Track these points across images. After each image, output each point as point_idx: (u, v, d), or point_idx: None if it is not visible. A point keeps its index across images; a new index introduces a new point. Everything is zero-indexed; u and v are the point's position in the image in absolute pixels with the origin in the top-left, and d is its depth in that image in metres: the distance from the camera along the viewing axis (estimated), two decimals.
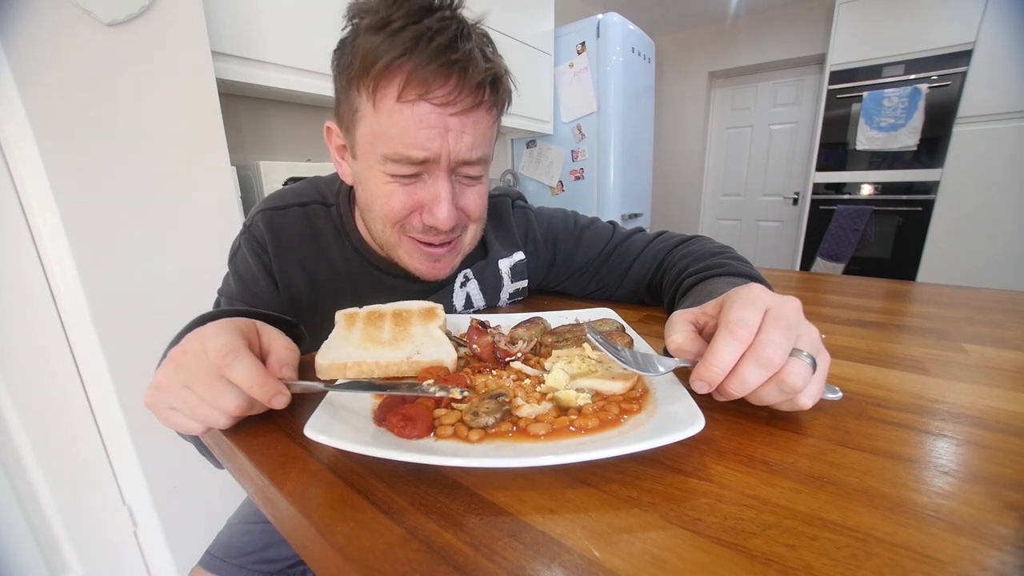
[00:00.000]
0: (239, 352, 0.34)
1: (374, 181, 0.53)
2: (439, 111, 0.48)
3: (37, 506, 0.92)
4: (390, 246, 0.59)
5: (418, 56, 0.45)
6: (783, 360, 0.31)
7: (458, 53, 0.46)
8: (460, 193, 0.55)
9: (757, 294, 0.34)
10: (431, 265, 0.59)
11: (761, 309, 0.33)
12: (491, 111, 0.53)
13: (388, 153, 0.50)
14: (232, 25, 1.10)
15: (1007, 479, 0.28)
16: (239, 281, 0.61)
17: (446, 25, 0.47)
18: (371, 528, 0.25)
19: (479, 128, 0.51)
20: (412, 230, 0.56)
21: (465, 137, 0.50)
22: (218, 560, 0.63)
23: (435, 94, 0.47)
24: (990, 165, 2.40)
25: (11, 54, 0.74)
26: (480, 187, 0.57)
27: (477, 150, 0.52)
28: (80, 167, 0.82)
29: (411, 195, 0.53)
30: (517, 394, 0.36)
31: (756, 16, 3.33)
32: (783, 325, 0.32)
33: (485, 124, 0.52)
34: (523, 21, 2.10)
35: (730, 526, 0.24)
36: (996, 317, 0.62)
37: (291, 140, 1.57)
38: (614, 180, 2.38)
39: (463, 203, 0.56)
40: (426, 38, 0.45)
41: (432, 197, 0.53)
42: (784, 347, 0.31)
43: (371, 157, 0.52)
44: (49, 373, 0.90)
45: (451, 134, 0.49)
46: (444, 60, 0.46)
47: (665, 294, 0.63)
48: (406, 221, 0.55)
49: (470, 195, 0.56)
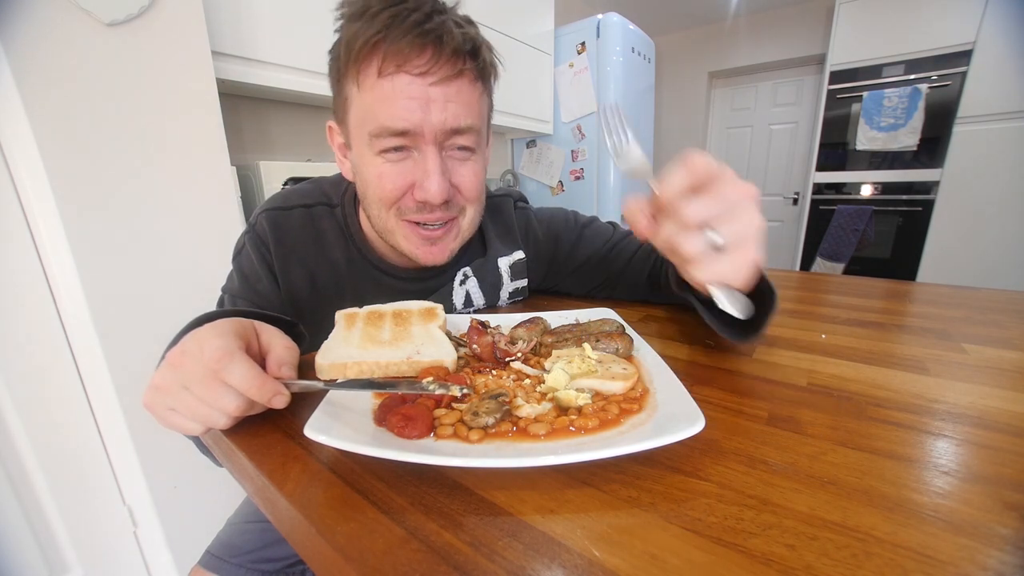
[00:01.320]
0: (234, 355, 0.34)
1: (366, 165, 0.54)
2: (418, 81, 0.49)
3: (37, 506, 0.92)
4: (388, 232, 0.59)
5: (394, 31, 0.47)
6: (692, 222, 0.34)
7: (432, 23, 0.48)
8: (452, 169, 0.55)
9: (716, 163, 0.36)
10: (427, 249, 0.59)
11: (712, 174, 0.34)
12: (476, 82, 0.53)
13: (373, 129, 0.51)
14: (232, 25, 1.10)
15: (1007, 479, 0.28)
16: (242, 279, 0.61)
17: (421, 4, 0.49)
18: (371, 528, 0.25)
19: (463, 97, 0.52)
20: (407, 212, 0.56)
21: (450, 106, 0.51)
22: (218, 559, 0.63)
23: (413, 64, 0.48)
24: (990, 165, 2.40)
25: (11, 54, 0.74)
26: (473, 164, 0.57)
27: (465, 118, 0.52)
28: (80, 167, 0.82)
29: (402, 173, 0.53)
30: (517, 394, 0.36)
31: (756, 16, 3.33)
32: (716, 200, 0.34)
33: (470, 94, 0.53)
34: (523, 21, 2.10)
35: (730, 526, 0.24)
36: (996, 317, 0.62)
37: (291, 140, 1.57)
38: (614, 180, 2.38)
39: (456, 179, 0.56)
40: (401, 16, 0.47)
41: (422, 171, 0.53)
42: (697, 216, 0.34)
43: (362, 142, 0.53)
44: (49, 373, 0.90)
45: (434, 105, 0.50)
46: (419, 31, 0.47)
47: (664, 276, 0.62)
48: (400, 203, 0.55)
49: (463, 171, 0.56)
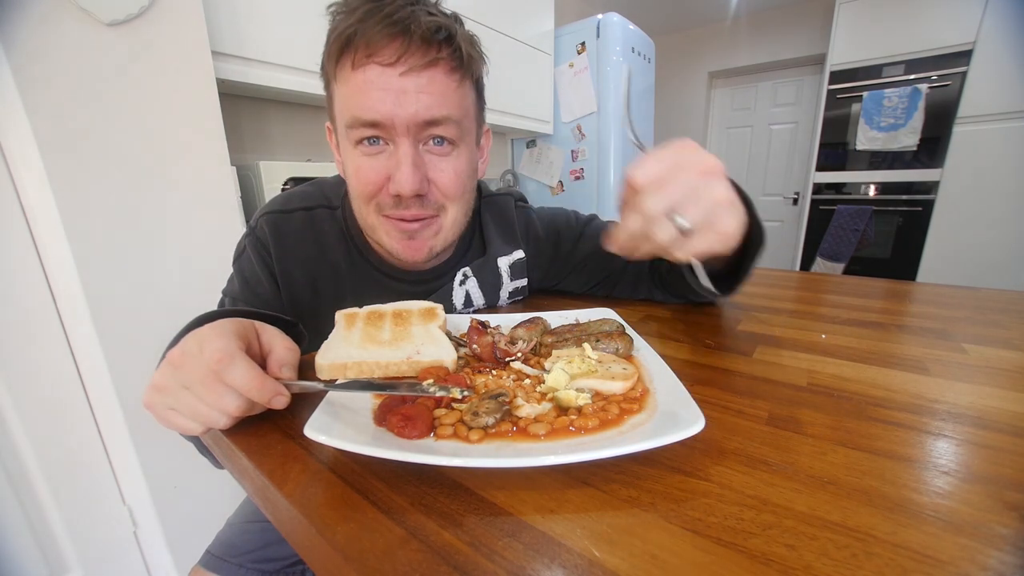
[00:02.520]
0: (234, 356, 0.34)
1: (348, 159, 0.55)
2: (389, 71, 0.49)
3: (37, 506, 0.92)
4: (371, 228, 0.59)
5: (366, 23, 0.48)
6: (654, 214, 0.36)
7: (401, 13, 0.48)
8: (429, 164, 0.54)
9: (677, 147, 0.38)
10: (407, 243, 0.58)
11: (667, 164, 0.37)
12: (453, 72, 0.52)
13: (347, 121, 0.51)
14: (232, 25, 1.10)
15: (1007, 479, 0.28)
16: (243, 282, 0.61)
17: None
18: (371, 528, 0.25)
19: (436, 87, 0.51)
20: (385, 207, 0.56)
21: (422, 97, 0.50)
22: (218, 559, 0.63)
23: (382, 55, 0.48)
24: (990, 165, 2.40)
25: (11, 54, 0.74)
26: (454, 161, 0.56)
27: (439, 109, 0.51)
28: (80, 167, 0.82)
29: (377, 167, 0.53)
30: (517, 394, 0.36)
31: (756, 16, 3.33)
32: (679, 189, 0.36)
33: (444, 84, 0.51)
34: (523, 21, 2.10)
35: (730, 526, 0.24)
36: (996, 317, 0.62)
37: (291, 140, 1.57)
38: (614, 180, 2.38)
39: (432, 174, 0.55)
40: (376, 9, 0.48)
41: (394, 163, 0.52)
42: (658, 207, 0.36)
43: (343, 135, 0.53)
44: (49, 373, 0.90)
45: (406, 96, 0.49)
46: (387, 21, 0.47)
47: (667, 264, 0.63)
48: (378, 197, 0.55)
49: (441, 167, 0.55)
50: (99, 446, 0.98)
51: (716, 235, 0.38)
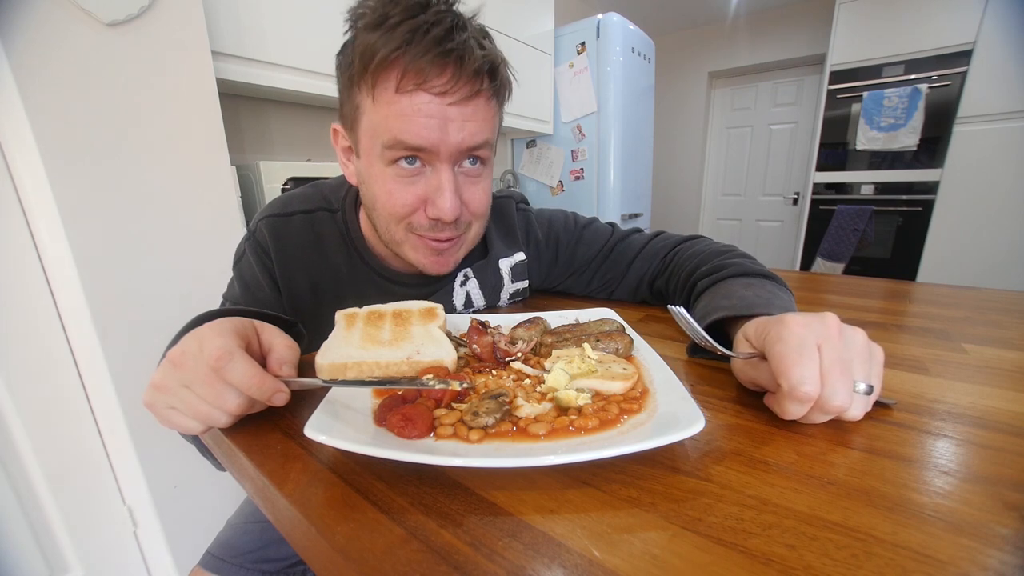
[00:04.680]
0: (234, 355, 0.34)
1: (377, 177, 0.54)
2: (437, 100, 0.48)
3: (37, 506, 0.92)
4: (395, 243, 0.59)
5: (414, 48, 0.46)
6: (848, 402, 0.32)
7: (453, 43, 0.47)
8: (463, 187, 0.55)
9: (801, 335, 0.33)
10: (435, 259, 0.59)
11: (814, 355, 0.33)
12: (491, 101, 0.53)
13: (387, 141, 0.50)
14: (232, 25, 1.10)
15: (1007, 479, 0.28)
16: (243, 286, 0.61)
17: (441, 18, 0.47)
18: (371, 528, 0.25)
19: (479, 115, 0.51)
20: (419, 228, 0.56)
21: (467, 125, 0.50)
22: (218, 560, 0.63)
23: (432, 83, 0.47)
24: (990, 165, 2.40)
25: (11, 54, 0.74)
26: (483, 182, 0.57)
27: (480, 135, 0.52)
28: (80, 167, 0.82)
29: (413, 191, 0.53)
30: (517, 394, 0.36)
31: (756, 16, 3.33)
32: (840, 370, 0.32)
33: (485, 112, 0.52)
34: (523, 21, 2.10)
35: (730, 526, 0.24)
36: (996, 317, 0.62)
37: (291, 140, 1.57)
38: (614, 180, 2.38)
39: (466, 197, 0.56)
40: (422, 31, 0.46)
41: (435, 188, 0.52)
42: (847, 393, 0.32)
43: (372, 153, 0.52)
44: (49, 373, 0.90)
45: (452, 124, 0.49)
46: (440, 50, 0.46)
47: (676, 294, 0.63)
48: (412, 218, 0.55)
49: (473, 190, 0.56)
50: (99, 446, 0.98)
51: (876, 393, 0.35)
